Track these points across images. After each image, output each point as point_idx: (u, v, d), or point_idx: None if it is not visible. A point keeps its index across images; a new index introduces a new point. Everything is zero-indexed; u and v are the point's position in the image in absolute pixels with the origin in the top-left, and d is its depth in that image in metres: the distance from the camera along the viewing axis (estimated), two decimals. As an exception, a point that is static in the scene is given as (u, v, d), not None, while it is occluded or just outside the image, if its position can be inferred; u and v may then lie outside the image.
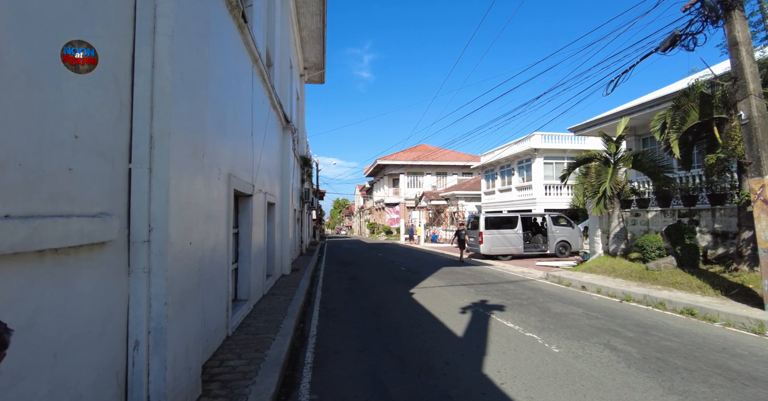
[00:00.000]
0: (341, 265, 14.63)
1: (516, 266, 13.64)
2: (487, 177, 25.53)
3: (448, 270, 12.54)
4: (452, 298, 7.85)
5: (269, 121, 8.70)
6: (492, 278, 10.74)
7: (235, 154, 5.43)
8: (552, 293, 8.39)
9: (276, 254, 9.63)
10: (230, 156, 5.15)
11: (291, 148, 12.02)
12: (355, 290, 8.92)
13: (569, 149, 20.07)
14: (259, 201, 7.24)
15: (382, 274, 11.76)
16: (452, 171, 43.17)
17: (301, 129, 19.57)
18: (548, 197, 19.96)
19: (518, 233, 15.91)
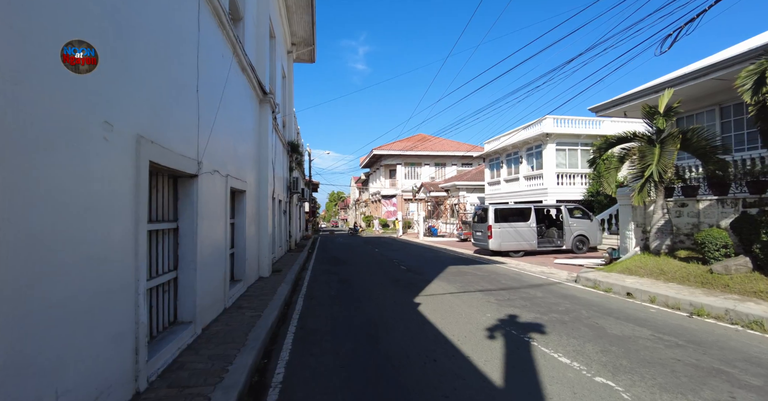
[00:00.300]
0: (333, 263, 12.85)
1: (532, 264, 11.93)
2: (491, 166, 23.75)
3: (455, 270, 10.79)
4: (470, 312, 6.09)
5: (236, 84, 6.82)
6: (510, 280, 9.01)
7: (157, 108, 3.58)
8: (593, 302, 6.66)
9: (249, 253, 7.82)
10: (144, 109, 3.30)
11: (271, 127, 10.15)
12: (347, 299, 7.15)
13: (583, 135, 18.30)
14: (214, 185, 5.41)
15: (380, 275, 9.99)
16: (451, 161, 41.39)
17: (288, 112, 17.66)
18: (560, 187, 18.24)
19: (531, 227, 14.19)
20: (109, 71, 2.72)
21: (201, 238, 4.75)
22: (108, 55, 2.71)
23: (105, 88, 2.70)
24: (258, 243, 9.09)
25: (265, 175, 9.36)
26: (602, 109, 13.26)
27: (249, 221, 7.97)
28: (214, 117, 5.28)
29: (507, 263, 12.37)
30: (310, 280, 9.41)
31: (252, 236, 8.33)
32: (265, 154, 9.42)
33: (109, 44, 2.74)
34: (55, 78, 2.24)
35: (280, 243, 14.07)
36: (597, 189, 17.49)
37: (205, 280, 4.96)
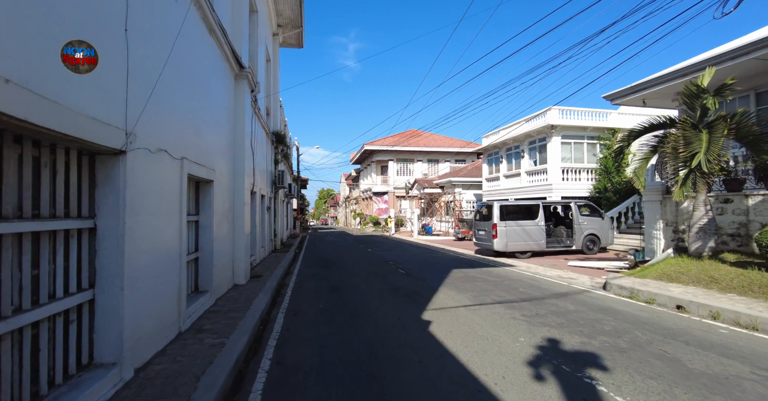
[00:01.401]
0: (322, 266, 11.46)
1: (544, 267, 10.73)
2: (489, 161, 22.56)
3: (461, 275, 9.51)
4: (497, 335, 4.79)
5: (199, 46, 5.39)
6: (529, 288, 7.75)
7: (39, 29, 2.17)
8: (642, 319, 5.42)
9: (219, 258, 6.40)
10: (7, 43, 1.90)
11: (249, 109, 8.71)
12: (339, 315, 5.79)
13: (590, 127, 17.19)
14: (160, 170, 3.99)
15: (376, 281, 8.65)
16: (445, 158, 40.20)
17: (274, 100, 16.16)
18: (565, 183, 17.12)
19: (540, 225, 12.99)
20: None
21: (134, 241, 3.35)
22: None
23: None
24: (232, 245, 7.67)
25: (241, 164, 7.92)
26: (618, 96, 12.08)
27: (219, 218, 6.54)
28: (159, 74, 3.86)
29: (516, 265, 11.14)
30: (294, 288, 8.01)
31: (223, 236, 6.90)
32: (242, 140, 7.98)
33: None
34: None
35: (263, 243, 12.63)
36: (605, 185, 16.42)
37: (144, 300, 3.55)
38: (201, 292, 5.92)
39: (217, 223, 6.40)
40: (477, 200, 25.47)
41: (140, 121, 3.47)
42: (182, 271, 4.64)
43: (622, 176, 16.44)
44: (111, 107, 3.05)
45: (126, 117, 3.25)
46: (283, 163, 19.05)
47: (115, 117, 3.09)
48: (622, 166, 16.53)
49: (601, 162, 17.03)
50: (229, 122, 7.49)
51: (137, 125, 3.42)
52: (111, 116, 3.03)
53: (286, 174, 17.26)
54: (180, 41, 4.45)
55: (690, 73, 9.50)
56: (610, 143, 16.99)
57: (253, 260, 9.96)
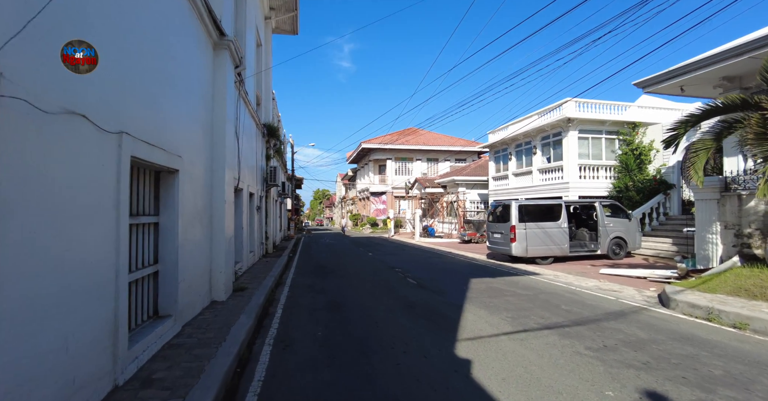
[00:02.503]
0: (318, 275, 10.01)
1: (573, 274, 9.37)
2: (497, 159, 21.21)
3: (483, 286, 8.11)
4: (568, 382, 3.38)
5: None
6: (573, 304, 6.37)
7: None
8: (755, 357, 4.05)
9: (187, 271, 4.95)
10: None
11: (233, 88, 7.26)
12: (342, 351, 4.35)
13: (609, 121, 15.89)
14: (70, 145, 2.54)
15: (385, 295, 7.23)
16: (445, 157, 38.87)
17: (266, 89, 14.71)
18: (583, 181, 15.79)
19: (562, 228, 11.64)
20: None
21: (27, 259, 1.91)
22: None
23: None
24: (209, 252, 6.21)
25: (222, 154, 6.46)
26: (652, 83, 10.77)
27: (189, 219, 5.09)
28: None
29: (541, 273, 9.77)
30: (286, 304, 6.56)
31: (196, 242, 5.45)
32: (222, 124, 6.52)
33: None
34: None
35: (252, 247, 11.16)
36: (625, 183, 15.12)
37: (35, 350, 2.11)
38: (161, 317, 4.46)
39: (186, 225, 4.94)
40: (482, 200, 24.14)
41: (10, 49, 2.02)
42: (119, 297, 3.19)
43: (644, 173, 15.16)
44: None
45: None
46: (276, 159, 17.57)
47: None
48: (645, 161, 15.26)
49: (621, 159, 15.74)
50: (204, 100, 6.03)
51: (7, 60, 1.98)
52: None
53: (279, 171, 15.80)
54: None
55: (747, 51, 8.20)
56: (630, 138, 15.71)
57: (239, 268, 8.50)
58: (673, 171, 14.42)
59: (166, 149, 4.29)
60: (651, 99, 17.95)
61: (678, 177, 14.30)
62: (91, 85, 2.79)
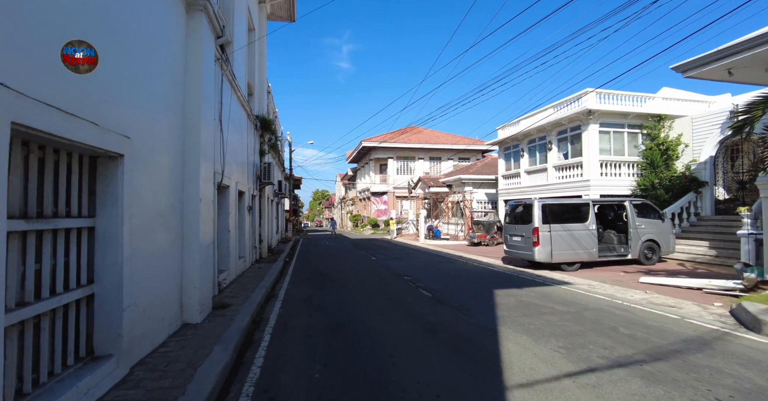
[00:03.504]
0: (316, 284, 8.75)
1: (609, 283, 8.13)
2: (507, 156, 19.96)
3: (511, 299, 6.86)
4: None
5: None
6: (632, 326, 5.12)
7: None
8: None
9: (138, 292, 3.69)
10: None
11: (213, 63, 6.02)
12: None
13: (632, 113, 14.65)
14: None
15: (397, 313, 5.97)
16: (448, 156, 37.62)
17: (260, 79, 13.48)
18: (604, 179, 14.55)
19: (590, 230, 10.40)
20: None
21: None
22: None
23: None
24: (180, 264, 4.96)
25: (196, 141, 5.21)
26: (694, 66, 9.53)
27: (144, 222, 3.84)
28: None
29: (572, 282, 8.53)
30: (276, 328, 5.29)
31: (157, 252, 4.19)
32: (197, 104, 5.26)
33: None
34: None
35: (242, 253, 9.91)
36: (652, 181, 13.88)
37: None
38: (98, 359, 3.21)
39: (139, 231, 3.69)
40: (490, 199, 22.90)
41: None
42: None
43: (671, 170, 13.93)
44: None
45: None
46: (272, 156, 16.32)
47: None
48: (672, 157, 14.03)
49: (645, 154, 14.51)
50: (172, 72, 4.78)
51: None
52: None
53: (275, 167, 14.54)
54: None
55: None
56: (656, 131, 14.48)
57: (223, 279, 7.24)
58: (705, 167, 13.18)
59: (102, 125, 3.04)
60: (674, 91, 16.75)
61: (711, 174, 13.07)
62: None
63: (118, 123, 3.34)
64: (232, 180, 8.42)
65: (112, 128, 3.22)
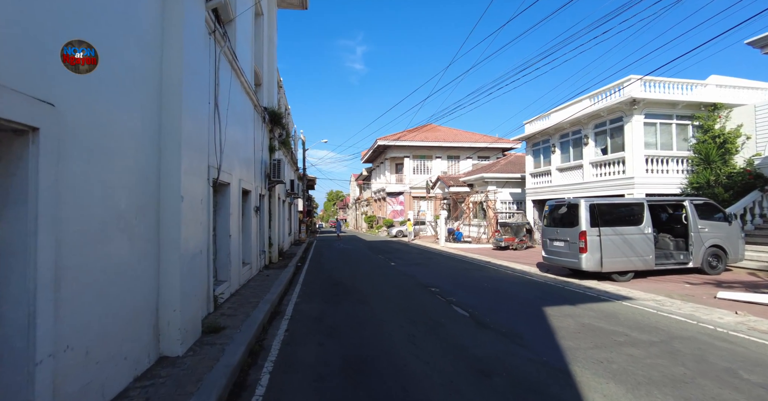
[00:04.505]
0: (330, 298, 7.57)
1: (679, 299, 6.73)
2: (536, 152, 18.49)
3: (571, 322, 5.55)
4: None
5: None
6: (755, 368, 3.77)
7: None
8: None
9: (88, 326, 2.56)
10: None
11: (203, 31, 4.92)
12: None
13: (682, 103, 13.07)
14: None
15: (430, 343, 4.73)
16: (466, 154, 36.15)
17: (269, 69, 12.45)
18: (651, 176, 13.01)
19: (646, 234, 8.97)
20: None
21: None
22: None
23: None
24: (155, 280, 3.83)
25: (176, 124, 4.07)
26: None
27: (96, 227, 2.73)
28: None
29: (634, 297, 7.14)
30: (278, 364, 4.10)
31: (112, 268, 3.06)
32: (178, 79, 4.12)
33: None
34: None
35: (248, 259, 8.82)
36: (707, 178, 12.28)
37: None
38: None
39: (78, 240, 2.57)
40: (514, 200, 21.43)
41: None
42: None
43: (730, 165, 12.33)
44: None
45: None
46: (283, 153, 15.29)
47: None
48: (730, 150, 12.42)
49: (698, 148, 12.91)
50: (136, 28, 3.66)
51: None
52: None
53: (286, 165, 13.47)
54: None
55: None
56: (710, 122, 12.88)
57: (220, 293, 6.12)
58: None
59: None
60: (727, 78, 15.02)
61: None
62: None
63: (32, 81, 2.21)
64: (234, 177, 7.33)
65: (15, 85, 2.08)
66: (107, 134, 3.04)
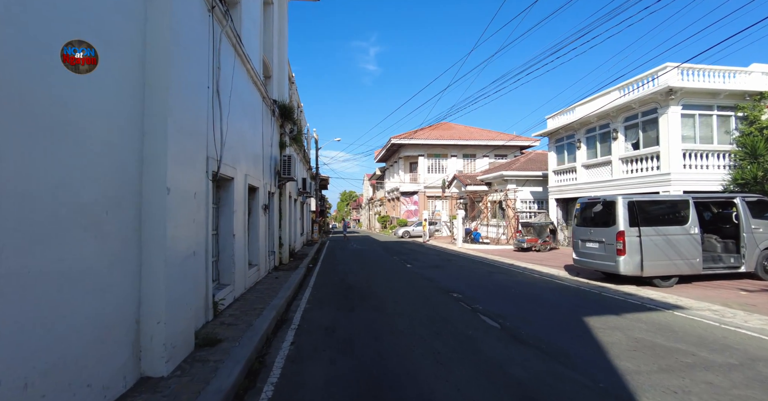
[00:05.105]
0: (342, 304, 6.92)
1: (740, 309, 5.86)
2: (559, 148, 17.55)
3: (620, 336, 4.77)
4: None
5: None
6: None
7: None
8: None
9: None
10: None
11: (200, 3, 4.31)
12: None
13: (724, 92, 12.03)
14: None
15: (460, 359, 4.02)
16: (483, 152, 35.11)
17: (279, 61, 11.92)
18: (688, 173, 12.00)
19: (692, 235, 8.08)
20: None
21: None
22: None
23: None
24: (135, 287, 3.23)
25: (162, 101, 3.46)
26: None
27: (36, 228, 2.12)
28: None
29: (684, 306, 6.30)
30: (279, 389, 3.46)
31: (67, 276, 2.45)
32: (164, 45, 3.51)
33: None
34: None
35: (255, 260, 8.26)
36: (754, 174, 11.22)
37: None
38: None
39: (6, 242, 1.96)
40: (535, 198, 20.48)
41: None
42: None
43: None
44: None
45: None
46: (294, 149, 14.75)
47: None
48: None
49: (742, 142, 11.85)
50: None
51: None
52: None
53: (296, 161, 12.91)
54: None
55: None
56: (757, 113, 11.81)
57: (221, 300, 5.53)
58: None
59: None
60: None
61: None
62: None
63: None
64: (239, 171, 6.76)
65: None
66: (65, 107, 2.44)
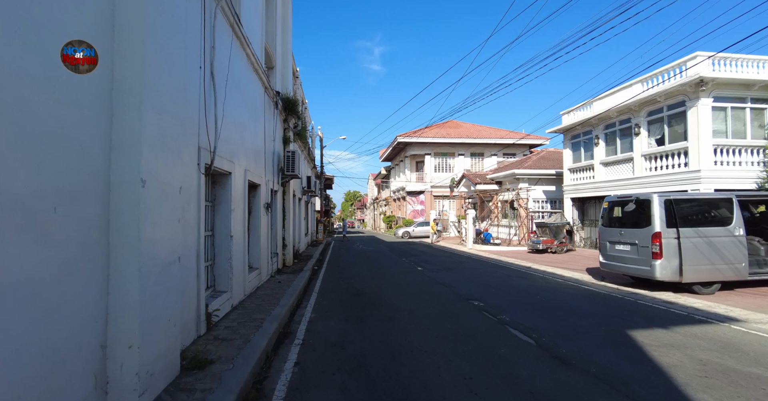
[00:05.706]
0: (352, 313, 6.24)
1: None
2: (575, 145, 16.76)
3: (680, 356, 4.06)
4: None
5: None
6: None
7: None
8: None
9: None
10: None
11: None
12: None
13: (759, 82, 11.23)
14: None
15: (496, 386, 3.34)
16: (491, 151, 34.35)
17: (283, 52, 11.27)
18: (720, 170, 11.21)
19: (737, 237, 7.32)
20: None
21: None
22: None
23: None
24: (101, 303, 2.57)
25: (137, 71, 2.81)
26: None
27: None
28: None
29: (740, 318, 5.57)
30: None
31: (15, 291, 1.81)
32: (138, 7, 2.88)
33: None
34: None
35: (256, 263, 7.61)
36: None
37: None
38: None
39: None
40: (548, 198, 19.71)
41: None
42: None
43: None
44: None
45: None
46: (299, 146, 14.12)
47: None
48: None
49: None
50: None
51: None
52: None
53: (300, 158, 12.26)
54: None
55: None
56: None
57: (215, 310, 4.87)
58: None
59: None
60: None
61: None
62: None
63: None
64: (238, 166, 6.11)
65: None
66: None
